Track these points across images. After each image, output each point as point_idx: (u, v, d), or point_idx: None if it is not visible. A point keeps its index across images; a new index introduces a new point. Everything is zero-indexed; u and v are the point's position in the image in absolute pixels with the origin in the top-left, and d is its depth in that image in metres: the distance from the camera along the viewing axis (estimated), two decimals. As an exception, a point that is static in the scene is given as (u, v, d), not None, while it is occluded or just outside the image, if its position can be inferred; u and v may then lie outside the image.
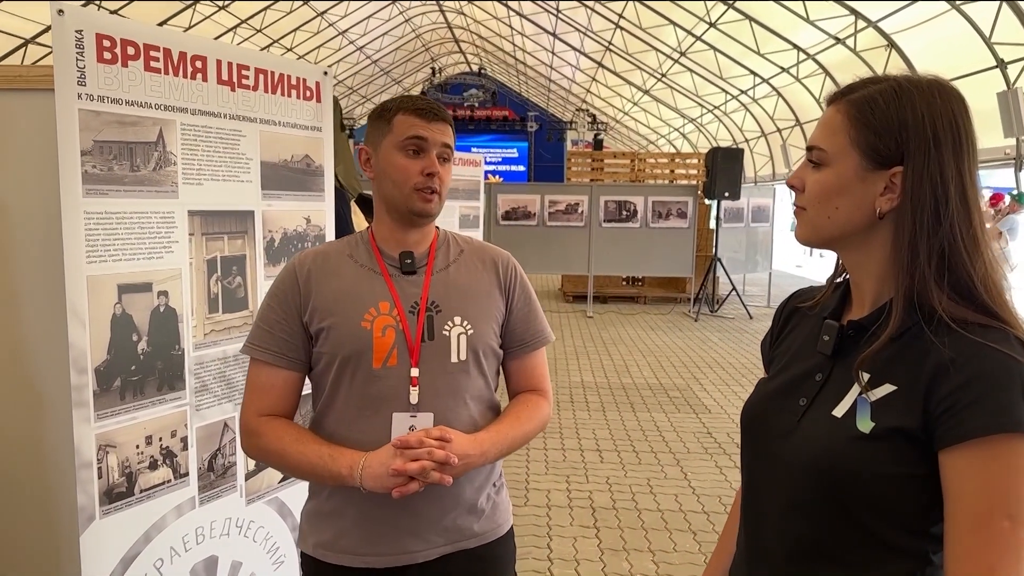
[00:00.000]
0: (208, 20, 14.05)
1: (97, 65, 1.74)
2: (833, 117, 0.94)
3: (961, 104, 0.90)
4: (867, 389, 0.90)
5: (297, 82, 2.30)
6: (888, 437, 0.87)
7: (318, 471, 1.31)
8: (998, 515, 0.80)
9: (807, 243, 0.99)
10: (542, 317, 1.55)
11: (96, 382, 1.79)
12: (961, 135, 0.89)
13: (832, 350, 0.97)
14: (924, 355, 0.87)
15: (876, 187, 0.91)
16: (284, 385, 1.39)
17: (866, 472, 0.88)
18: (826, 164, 0.94)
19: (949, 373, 0.84)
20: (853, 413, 0.91)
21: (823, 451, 0.92)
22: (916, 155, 0.88)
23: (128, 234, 1.85)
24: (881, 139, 0.89)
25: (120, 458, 1.86)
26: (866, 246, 0.94)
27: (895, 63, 10.83)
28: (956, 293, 0.88)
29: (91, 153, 1.75)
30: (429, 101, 1.40)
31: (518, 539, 3.34)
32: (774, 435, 1.00)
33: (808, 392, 0.98)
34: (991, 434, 0.81)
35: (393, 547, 1.37)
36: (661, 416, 5.52)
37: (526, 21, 18.57)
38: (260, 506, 2.28)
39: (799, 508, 0.95)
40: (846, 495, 0.90)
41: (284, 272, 1.44)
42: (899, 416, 0.87)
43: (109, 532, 1.84)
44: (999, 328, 0.85)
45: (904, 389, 0.88)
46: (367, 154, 1.42)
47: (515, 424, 1.43)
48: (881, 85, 0.92)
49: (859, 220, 0.93)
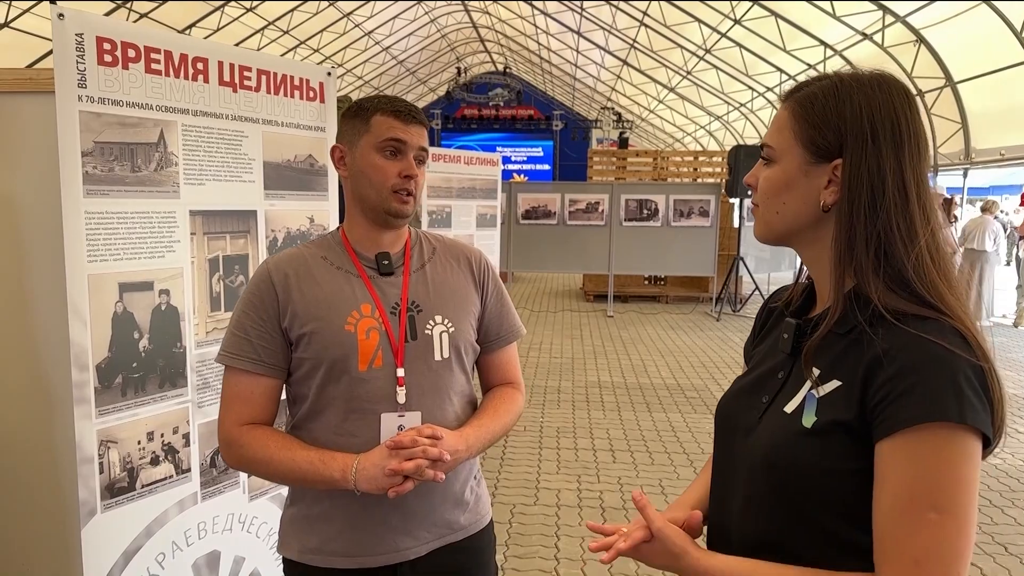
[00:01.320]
0: (236, 22, 14.24)
1: (98, 67, 1.78)
2: (781, 115, 0.96)
3: (903, 98, 0.90)
4: (817, 385, 0.90)
5: (300, 83, 2.32)
6: (829, 432, 0.87)
7: (308, 477, 1.31)
8: (924, 506, 0.79)
9: (763, 239, 1.01)
10: (514, 312, 1.57)
11: (97, 379, 1.83)
12: (901, 128, 0.89)
13: (791, 348, 0.98)
14: (863, 349, 0.87)
15: (820, 181, 0.92)
16: (264, 393, 1.38)
17: (808, 466, 0.88)
18: (774, 160, 0.96)
19: (883, 365, 0.83)
20: (802, 409, 0.91)
21: (772, 447, 0.92)
22: (854, 147, 0.89)
23: (129, 233, 1.88)
24: (821, 133, 0.91)
25: (122, 453, 1.90)
26: (817, 241, 0.95)
27: (924, 59, 10.64)
28: (894, 283, 0.88)
29: (92, 154, 1.78)
30: (406, 102, 1.40)
31: (526, 538, 3.37)
32: (739, 432, 1.01)
33: (771, 390, 0.99)
34: (919, 423, 0.80)
35: (385, 546, 1.38)
36: (677, 416, 5.49)
37: (551, 20, 18.54)
38: (263, 502, 2.31)
39: (756, 504, 0.95)
40: (795, 491, 0.90)
41: (257, 277, 1.41)
42: (839, 410, 0.87)
43: (110, 526, 1.88)
44: (935, 319, 0.85)
45: (846, 384, 0.88)
46: (341, 152, 1.41)
47: (495, 418, 1.44)
48: (823, 82, 0.93)
49: (806, 214, 0.94)
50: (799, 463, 0.89)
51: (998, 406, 0.83)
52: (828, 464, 0.87)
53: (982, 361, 0.82)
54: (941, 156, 11.43)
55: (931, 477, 0.80)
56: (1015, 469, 4.50)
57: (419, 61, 23.99)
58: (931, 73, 10.76)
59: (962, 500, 0.80)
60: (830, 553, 0.88)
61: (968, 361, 0.81)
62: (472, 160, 6.41)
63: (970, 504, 0.80)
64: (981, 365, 0.82)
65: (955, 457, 0.80)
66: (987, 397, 0.81)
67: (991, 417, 0.82)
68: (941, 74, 10.62)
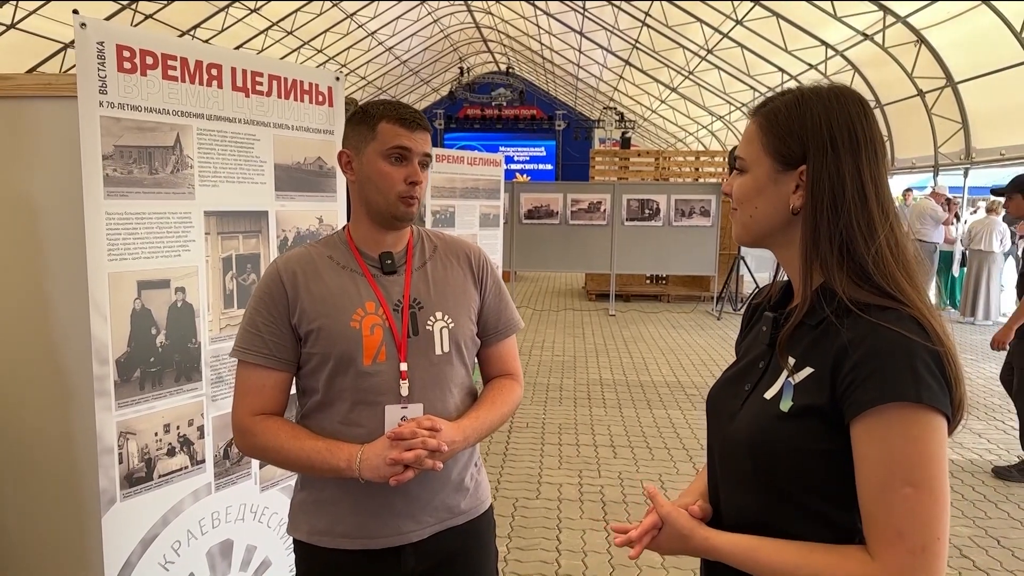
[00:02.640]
0: (240, 23, 14.32)
1: (117, 74, 1.86)
2: (750, 128, 1.05)
3: (859, 107, 0.99)
4: (792, 372, 0.98)
5: (310, 87, 2.40)
6: (803, 415, 0.96)
7: (316, 465, 1.39)
8: (899, 482, 0.88)
9: (741, 242, 1.09)
10: (512, 306, 1.65)
11: (117, 373, 1.90)
12: (858, 135, 0.97)
13: (769, 340, 1.07)
14: (832, 339, 0.95)
15: (788, 187, 1.00)
16: (275, 385, 1.46)
17: (786, 448, 0.96)
18: (746, 170, 1.05)
19: (848, 353, 0.92)
20: (780, 395, 1.00)
21: (753, 430, 1.01)
22: (816, 154, 0.97)
23: (147, 233, 1.96)
24: (785, 143, 1.00)
25: (140, 445, 1.98)
26: (789, 243, 1.03)
27: (925, 59, 10.68)
28: (856, 277, 0.96)
29: (112, 157, 1.86)
30: (410, 109, 1.46)
31: (528, 531, 3.45)
32: (725, 417, 1.09)
33: (752, 379, 1.08)
34: (882, 403, 0.88)
35: (389, 529, 1.46)
36: (677, 413, 5.56)
37: (553, 20, 18.60)
38: (274, 493, 2.38)
39: (742, 484, 1.04)
40: (774, 471, 0.98)
41: (268, 276, 1.48)
42: (812, 395, 0.95)
43: (129, 514, 1.96)
44: (894, 308, 0.93)
45: (818, 371, 0.96)
46: (348, 157, 1.48)
47: (491, 409, 1.52)
48: (786, 96, 1.02)
49: (777, 217, 1.02)
50: (777, 445, 0.97)
51: (955, 386, 0.91)
52: (803, 445, 0.95)
53: (938, 345, 0.90)
54: (942, 156, 11.47)
55: (901, 455, 0.88)
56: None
57: (422, 61, 24.06)
58: (932, 73, 10.81)
59: (932, 472, 0.88)
60: (810, 528, 0.97)
61: (924, 346, 0.89)
62: (475, 160, 6.48)
63: (941, 475, 0.88)
64: (937, 349, 0.90)
65: (920, 434, 0.88)
66: (944, 378, 0.90)
67: (949, 396, 0.90)
68: (942, 74, 10.65)
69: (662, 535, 1.06)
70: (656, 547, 1.07)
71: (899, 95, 11.88)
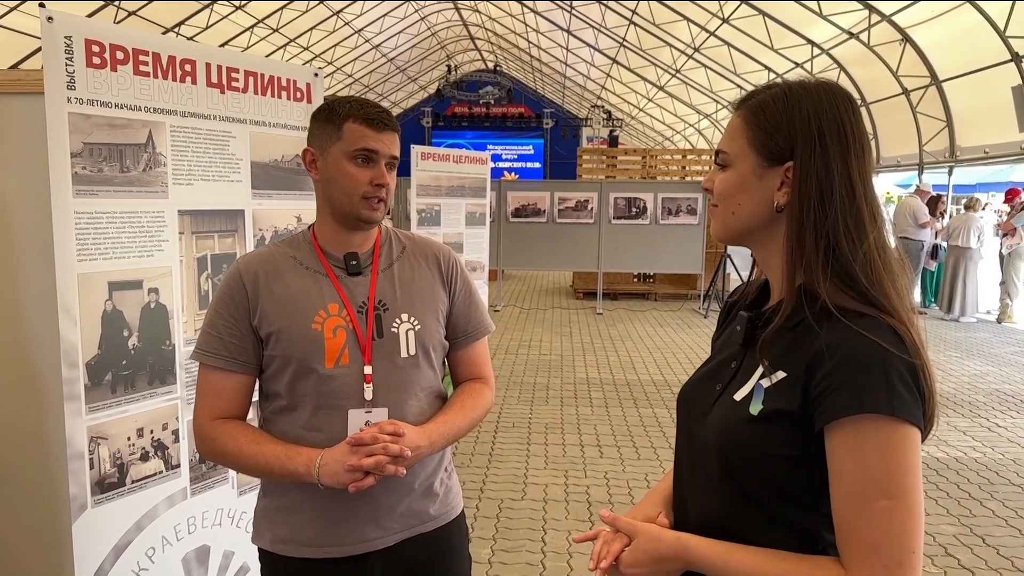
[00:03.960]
0: (225, 20, 14.19)
1: (86, 70, 1.81)
2: (734, 122, 1.01)
3: (847, 104, 0.96)
4: (767, 374, 0.95)
5: (287, 83, 2.36)
6: (773, 419, 0.93)
7: (275, 470, 1.36)
8: (875, 495, 0.85)
9: (720, 239, 1.06)
10: (483, 308, 1.61)
11: (87, 376, 1.86)
12: (847, 132, 0.94)
13: (743, 339, 1.04)
14: (808, 344, 0.92)
15: (773, 183, 0.97)
16: (236, 389, 1.43)
17: (754, 451, 0.94)
18: (729, 165, 1.01)
19: (823, 359, 0.89)
20: (750, 398, 0.97)
21: (721, 431, 0.98)
22: (803, 150, 0.94)
23: (119, 233, 1.91)
24: (772, 138, 0.96)
25: (111, 449, 1.93)
26: (771, 241, 1.00)
27: (909, 57, 10.73)
28: (840, 281, 0.93)
29: (81, 155, 1.81)
30: (378, 108, 1.41)
31: (514, 532, 3.42)
32: (694, 417, 1.06)
33: (724, 378, 1.05)
34: (854, 414, 0.85)
35: (353, 536, 1.42)
36: (663, 412, 5.54)
37: (541, 18, 18.56)
38: (252, 497, 2.33)
39: (708, 485, 1.01)
40: (740, 473, 0.96)
41: (229, 277, 1.45)
42: (783, 400, 0.93)
43: (101, 521, 1.91)
44: (873, 316, 0.90)
45: (791, 375, 0.93)
46: (312, 156, 1.44)
47: (460, 413, 1.49)
48: (773, 90, 0.99)
49: (760, 215, 0.99)
50: (744, 448, 0.95)
51: (929, 399, 0.88)
52: (771, 450, 0.93)
53: (914, 358, 0.88)
54: (926, 154, 11.54)
55: (876, 468, 0.85)
56: (993, 463, 4.58)
57: (409, 59, 23.96)
58: (916, 72, 10.86)
59: (908, 484, 0.85)
60: (773, 532, 0.94)
61: (900, 358, 0.87)
62: (461, 159, 6.43)
63: (916, 488, 0.86)
64: (913, 362, 0.88)
65: (895, 446, 0.85)
66: (918, 391, 0.87)
67: (923, 409, 0.87)
68: (926, 72, 10.71)
69: (635, 548, 1.01)
70: (631, 567, 1.00)
71: (884, 93, 11.94)
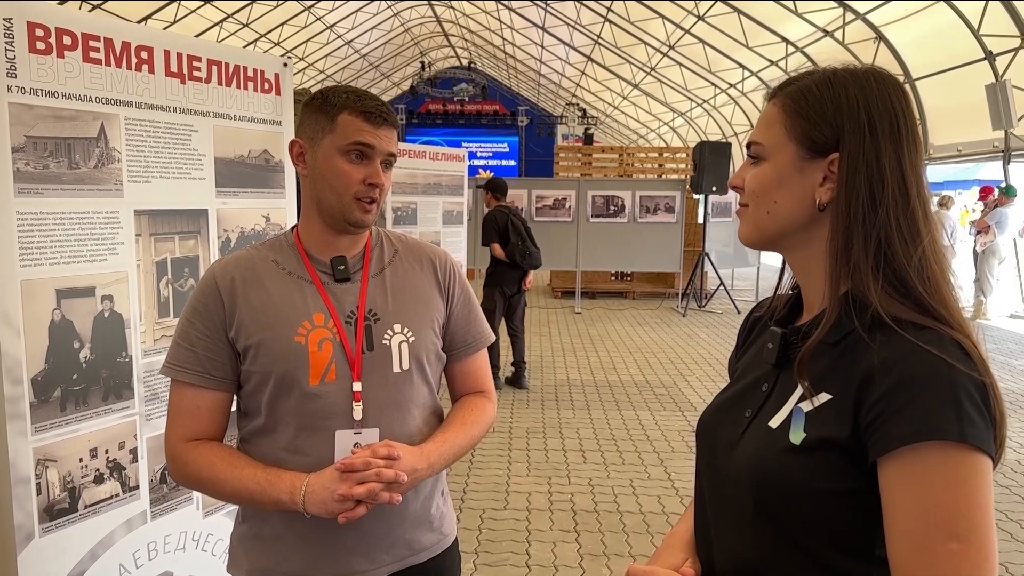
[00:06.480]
0: (194, 15, 13.86)
1: (29, 56, 1.64)
2: (770, 111, 0.90)
3: (899, 91, 0.85)
4: (808, 396, 0.83)
5: (254, 74, 2.20)
6: (818, 449, 0.80)
7: (256, 497, 1.21)
8: (942, 536, 0.73)
9: (750, 243, 0.93)
10: (483, 317, 1.48)
11: (33, 393, 1.69)
12: (899, 121, 0.83)
13: (775, 358, 0.90)
14: (858, 360, 0.80)
15: (815, 177, 0.86)
16: (211, 407, 1.28)
17: (795, 486, 0.81)
18: (764, 158, 0.89)
19: (879, 378, 0.77)
20: (788, 424, 0.84)
21: (756, 464, 0.85)
22: (851, 140, 0.83)
23: (67, 235, 1.74)
24: (815, 126, 0.85)
25: (62, 472, 1.76)
26: (809, 244, 0.88)
27: (883, 56, 10.78)
28: (892, 288, 0.81)
29: (24, 150, 1.64)
30: (376, 100, 1.27)
31: (496, 544, 3.28)
32: (720, 448, 0.93)
33: (754, 403, 0.91)
34: (918, 441, 0.73)
35: (339, 568, 1.28)
36: (646, 414, 5.44)
37: (515, 15, 18.43)
38: (219, 518, 2.18)
39: (740, 526, 0.87)
40: (780, 512, 0.82)
41: (203, 283, 1.30)
42: (830, 426, 0.80)
43: (51, 551, 1.75)
44: (933, 328, 0.78)
45: (838, 397, 0.81)
46: (300, 148, 1.29)
47: (460, 431, 1.35)
48: (816, 75, 0.88)
49: (799, 214, 0.87)
50: (786, 482, 0.81)
51: (1000, 423, 0.76)
52: (818, 484, 0.79)
53: (984, 376, 0.76)
54: (900, 152, 11.61)
55: (945, 504, 0.73)
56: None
57: (382, 55, 23.68)
58: (890, 70, 10.86)
59: (981, 524, 0.73)
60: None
61: (969, 376, 0.75)
62: (438, 156, 6.28)
63: (990, 527, 0.74)
64: (983, 380, 0.76)
65: (965, 478, 0.73)
66: (988, 414, 0.75)
67: (993, 434, 0.75)
68: (900, 71, 10.77)
69: None
70: None
71: (858, 91, 11.99)
